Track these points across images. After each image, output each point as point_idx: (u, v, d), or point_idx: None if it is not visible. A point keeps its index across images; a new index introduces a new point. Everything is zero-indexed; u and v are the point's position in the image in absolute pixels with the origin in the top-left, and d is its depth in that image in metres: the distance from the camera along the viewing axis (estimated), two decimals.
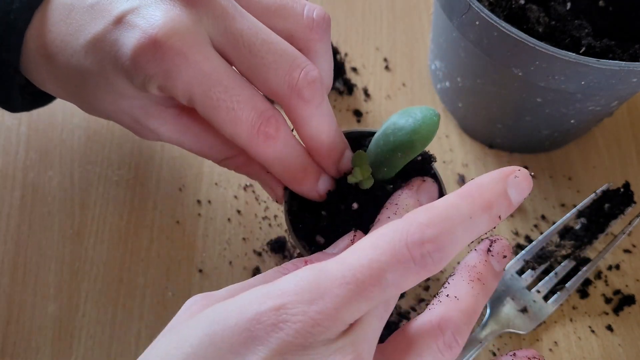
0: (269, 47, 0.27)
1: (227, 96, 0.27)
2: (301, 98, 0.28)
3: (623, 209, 0.41)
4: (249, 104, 0.27)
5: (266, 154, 0.28)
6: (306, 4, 0.30)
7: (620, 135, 0.48)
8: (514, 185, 0.25)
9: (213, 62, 0.27)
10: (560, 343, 0.39)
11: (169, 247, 0.41)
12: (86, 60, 0.28)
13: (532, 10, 0.37)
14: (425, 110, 0.28)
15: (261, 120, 0.27)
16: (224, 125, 0.27)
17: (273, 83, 0.28)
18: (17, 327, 0.39)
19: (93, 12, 0.28)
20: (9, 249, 0.41)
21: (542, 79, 0.36)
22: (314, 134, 0.29)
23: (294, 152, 0.29)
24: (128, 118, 0.31)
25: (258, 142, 0.28)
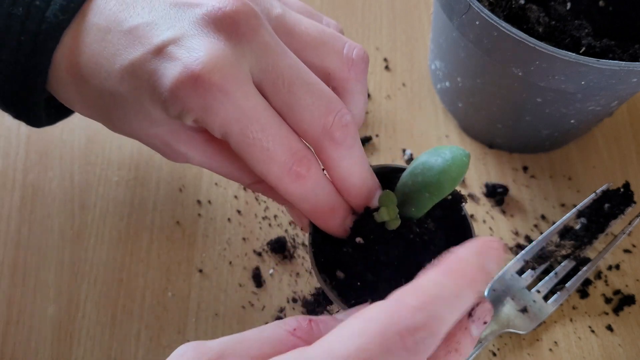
0: (307, 88, 0.27)
1: (263, 135, 0.26)
2: (333, 140, 0.28)
3: (623, 209, 0.41)
4: (285, 144, 0.27)
5: (295, 192, 0.28)
6: (346, 41, 0.30)
7: (620, 135, 0.48)
8: (492, 258, 0.24)
9: (252, 100, 0.26)
10: (560, 343, 0.39)
11: (169, 248, 0.41)
12: (121, 85, 0.28)
13: (532, 10, 0.37)
14: (455, 150, 0.28)
15: (294, 160, 0.27)
16: (256, 163, 0.27)
17: (307, 124, 0.27)
18: (17, 328, 0.39)
19: (131, 38, 0.27)
20: (8, 250, 0.41)
21: (542, 79, 0.36)
22: (345, 175, 0.29)
23: (322, 192, 0.29)
24: (159, 142, 0.30)
25: (288, 182, 0.27)
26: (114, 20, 0.28)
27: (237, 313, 0.40)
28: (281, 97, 0.27)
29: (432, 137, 0.47)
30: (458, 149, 0.28)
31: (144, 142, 0.31)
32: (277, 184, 0.27)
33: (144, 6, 0.28)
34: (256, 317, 0.40)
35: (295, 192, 0.28)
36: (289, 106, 0.27)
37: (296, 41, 0.28)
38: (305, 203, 0.28)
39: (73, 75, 0.29)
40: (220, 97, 0.25)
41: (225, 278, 0.41)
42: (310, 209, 0.29)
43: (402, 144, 0.46)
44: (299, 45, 0.28)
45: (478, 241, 0.25)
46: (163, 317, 0.39)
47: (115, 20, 0.28)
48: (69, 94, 0.30)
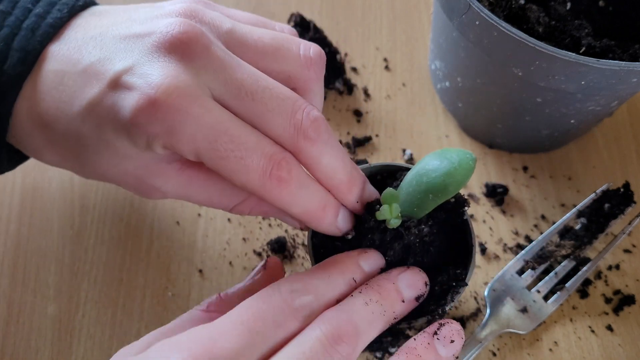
0: (270, 93, 0.27)
1: (234, 145, 0.26)
2: (307, 138, 0.28)
3: (623, 209, 0.41)
4: (258, 150, 0.27)
5: (282, 198, 0.27)
6: (300, 42, 0.30)
7: (620, 135, 0.48)
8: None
9: (215, 114, 0.26)
10: (560, 343, 0.39)
11: (169, 248, 0.41)
12: (84, 126, 0.28)
13: (532, 10, 0.37)
14: (461, 153, 0.28)
15: (272, 164, 0.27)
16: (234, 175, 0.27)
17: (279, 128, 0.27)
18: (17, 327, 0.39)
19: (86, 77, 0.27)
20: (9, 250, 0.41)
21: (542, 79, 0.36)
22: (330, 172, 0.29)
23: (309, 192, 0.28)
24: (131, 179, 0.30)
25: (272, 187, 0.27)
26: (67, 63, 0.28)
27: None
28: (247, 108, 0.27)
29: (432, 137, 0.47)
30: (465, 152, 0.28)
31: (116, 182, 0.30)
32: (261, 192, 0.27)
33: (95, 45, 0.28)
34: None
35: (281, 198, 0.27)
36: (256, 114, 0.27)
37: (251, 51, 0.29)
38: (294, 207, 0.28)
39: (37, 125, 0.29)
40: (182, 116, 0.25)
41: (225, 278, 0.41)
42: (301, 211, 0.28)
43: (402, 144, 0.46)
44: (254, 55, 0.29)
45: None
46: (163, 317, 0.39)
47: (69, 63, 0.28)
48: (34, 144, 0.30)
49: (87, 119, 0.27)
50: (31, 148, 0.30)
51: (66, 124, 0.28)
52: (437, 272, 0.32)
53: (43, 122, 0.28)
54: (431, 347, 0.27)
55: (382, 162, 0.34)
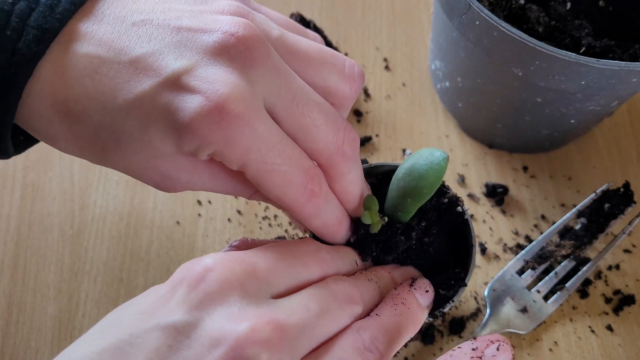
0: (319, 109, 0.28)
1: (281, 160, 0.26)
2: (345, 156, 0.29)
3: (623, 209, 0.41)
4: (299, 165, 0.27)
5: (309, 211, 0.28)
6: (345, 60, 0.30)
7: (620, 135, 0.48)
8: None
9: (269, 126, 0.26)
10: (560, 343, 0.39)
11: (169, 247, 0.41)
12: (125, 121, 0.26)
13: (532, 10, 0.37)
14: (433, 153, 0.29)
15: (308, 179, 0.27)
16: (274, 187, 0.27)
17: (322, 143, 0.28)
18: (17, 327, 0.39)
19: (134, 69, 0.25)
20: (9, 249, 0.41)
21: (542, 79, 0.36)
22: (350, 187, 0.30)
23: (331, 207, 0.29)
24: (157, 175, 0.28)
25: (303, 201, 0.28)
26: (108, 50, 0.25)
27: None
28: (296, 120, 0.27)
29: (432, 137, 0.47)
30: (436, 151, 0.29)
31: (137, 175, 0.29)
32: (293, 204, 0.28)
33: (141, 33, 0.25)
34: None
35: (309, 211, 0.28)
36: (304, 128, 0.27)
37: (298, 61, 0.28)
38: (316, 219, 0.29)
39: (59, 111, 0.26)
40: (243, 127, 0.25)
41: None
42: (321, 224, 0.29)
43: (402, 144, 0.46)
44: (301, 66, 0.28)
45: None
46: None
47: (110, 50, 0.25)
48: (52, 131, 0.27)
49: (131, 115, 0.25)
50: (47, 135, 0.28)
51: (101, 117, 0.26)
52: (437, 273, 0.32)
53: (69, 111, 0.26)
54: (411, 293, 0.30)
55: (373, 163, 0.34)
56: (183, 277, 0.24)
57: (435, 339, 0.39)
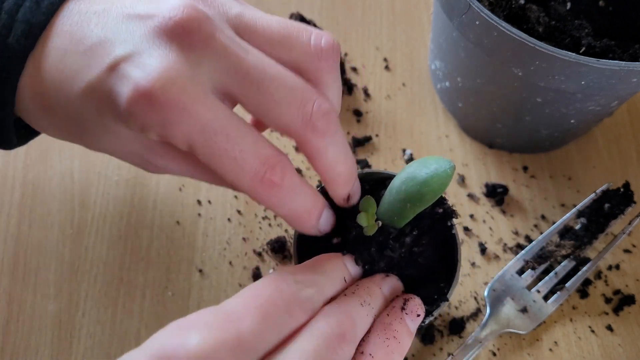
0: (278, 83, 0.26)
1: (230, 145, 0.25)
2: (316, 131, 0.27)
3: (623, 209, 0.41)
4: (253, 152, 0.26)
5: (270, 200, 0.27)
6: (312, 31, 0.28)
7: (620, 135, 0.48)
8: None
9: (213, 111, 0.25)
10: (560, 343, 0.39)
11: (169, 247, 0.41)
12: (83, 108, 0.27)
13: (532, 10, 0.37)
14: (440, 162, 0.28)
15: (266, 169, 0.26)
16: (226, 174, 0.26)
17: (286, 119, 0.27)
18: (17, 326, 0.39)
19: (87, 58, 0.26)
20: (9, 248, 0.41)
21: (542, 79, 0.36)
22: (332, 165, 0.28)
23: (297, 197, 0.28)
24: (136, 157, 0.29)
25: (262, 191, 0.26)
26: (70, 41, 0.26)
27: None
28: (253, 97, 0.26)
29: (432, 137, 0.47)
30: (444, 160, 0.28)
31: (124, 159, 0.30)
32: (251, 193, 0.27)
33: (98, 22, 0.27)
34: None
35: (269, 200, 0.27)
36: (263, 105, 0.26)
37: (260, 38, 0.27)
38: (280, 209, 0.28)
39: (38, 104, 0.28)
40: (177, 112, 0.24)
41: (225, 278, 0.41)
42: (287, 213, 0.28)
43: (402, 144, 0.46)
44: (263, 42, 0.27)
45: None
46: (163, 317, 0.39)
47: (71, 41, 0.26)
48: (39, 121, 0.29)
49: (86, 101, 0.26)
50: (36, 125, 0.30)
51: (66, 106, 0.27)
52: (422, 284, 0.31)
53: (44, 103, 0.28)
54: (403, 322, 0.28)
55: (372, 170, 0.34)
56: (161, 355, 0.23)
57: (435, 339, 0.39)
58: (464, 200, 0.44)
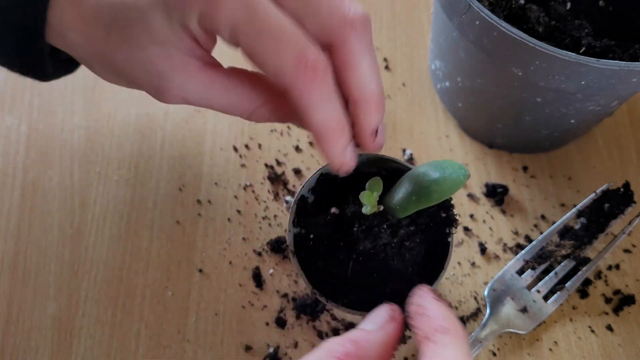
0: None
1: (274, 21, 0.25)
2: (354, 28, 0.26)
3: (623, 209, 0.41)
4: (296, 35, 0.25)
5: (310, 96, 0.26)
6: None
7: (620, 135, 0.48)
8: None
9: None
10: (560, 343, 0.39)
11: (169, 247, 0.41)
12: (130, 11, 0.27)
13: (532, 10, 0.37)
14: (456, 167, 0.29)
15: (309, 55, 0.25)
16: (269, 56, 0.25)
17: (326, 13, 0.26)
18: (17, 326, 0.39)
19: None
20: (8, 248, 0.41)
21: (542, 79, 0.36)
22: (366, 77, 0.27)
23: (335, 105, 0.27)
24: (154, 74, 0.28)
25: (305, 79, 0.25)
26: None
27: (237, 313, 0.40)
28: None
29: (432, 137, 0.47)
30: (461, 167, 0.29)
31: (138, 79, 0.29)
32: (292, 81, 0.26)
33: None
34: (256, 317, 0.40)
35: (309, 96, 0.26)
36: (302, 3, 0.26)
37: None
38: (317, 113, 0.26)
39: (79, 17, 0.28)
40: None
41: (225, 278, 0.41)
42: (321, 122, 0.27)
43: (402, 144, 0.46)
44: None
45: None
46: (163, 317, 0.39)
47: None
48: (65, 21, 0.29)
49: (135, 3, 0.27)
50: (60, 30, 0.29)
51: (111, 13, 0.27)
52: (404, 279, 0.32)
53: (86, 14, 0.28)
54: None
55: (388, 156, 0.34)
56: None
57: None
58: (464, 200, 0.44)
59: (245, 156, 0.45)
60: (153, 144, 0.45)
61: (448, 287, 0.41)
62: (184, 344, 0.39)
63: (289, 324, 0.39)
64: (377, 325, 0.28)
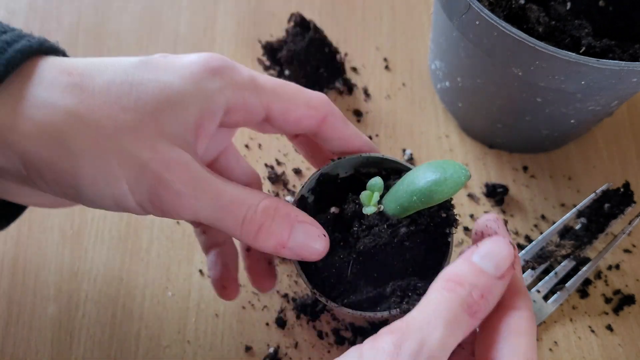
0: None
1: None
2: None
3: (623, 209, 0.41)
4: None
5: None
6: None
7: (620, 135, 0.48)
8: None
9: None
10: (560, 343, 0.39)
11: (169, 247, 0.41)
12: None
13: (532, 10, 0.37)
14: (457, 167, 0.29)
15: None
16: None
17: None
18: (17, 327, 0.39)
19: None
20: (9, 249, 0.41)
21: (542, 79, 0.36)
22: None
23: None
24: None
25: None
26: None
27: (237, 313, 0.40)
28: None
29: (432, 137, 0.47)
30: (461, 167, 0.29)
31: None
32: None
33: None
34: (256, 317, 0.40)
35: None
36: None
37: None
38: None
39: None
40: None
41: None
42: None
43: (402, 143, 0.46)
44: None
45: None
46: (163, 317, 0.39)
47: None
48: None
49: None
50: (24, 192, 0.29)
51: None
52: (404, 279, 0.32)
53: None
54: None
55: (388, 156, 0.34)
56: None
57: None
58: (464, 200, 0.44)
59: (245, 156, 0.45)
60: None
61: None
62: (184, 345, 0.39)
63: (289, 324, 0.39)
64: (499, 270, 0.27)
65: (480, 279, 0.26)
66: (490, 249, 0.27)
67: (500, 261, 0.27)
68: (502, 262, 0.27)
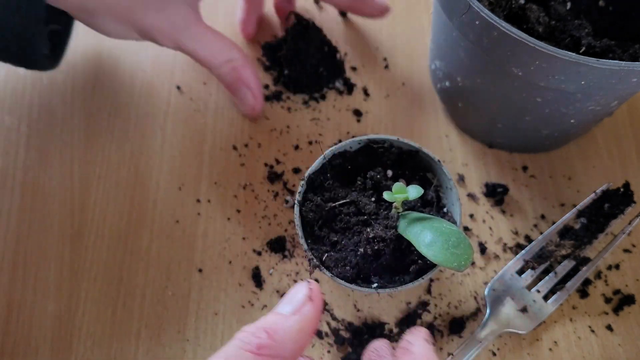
0: None
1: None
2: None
3: (623, 209, 0.41)
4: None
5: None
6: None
7: (620, 135, 0.48)
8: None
9: None
10: (560, 343, 0.39)
11: (169, 247, 0.41)
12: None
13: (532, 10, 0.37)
14: (465, 251, 0.30)
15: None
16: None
17: None
18: (17, 326, 0.39)
19: None
20: (9, 248, 0.41)
21: (542, 79, 0.36)
22: None
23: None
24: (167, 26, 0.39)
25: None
26: None
27: (236, 312, 0.40)
28: None
29: (432, 136, 0.47)
30: (469, 255, 0.30)
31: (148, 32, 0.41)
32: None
33: None
34: (256, 316, 0.40)
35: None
36: None
37: None
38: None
39: None
40: None
41: (224, 277, 0.41)
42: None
43: None
44: None
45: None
46: (163, 316, 0.39)
47: None
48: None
49: None
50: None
51: None
52: (389, 274, 0.35)
53: None
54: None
55: (401, 139, 0.38)
56: None
57: (435, 338, 0.39)
58: (464, 200, 0.44)
59: (245, 155, 0.45)
60: (153, 143, 0.45)
61: (448, 287, 0.41)
62: (184, 344, 0.39)
63: None
64: (293, 307, 0.27)
65: (267, 320, 0.26)
66: (288, 295, 0.28)
67: (294, 300, 0.28)
68: (296, 299, 0.28)
